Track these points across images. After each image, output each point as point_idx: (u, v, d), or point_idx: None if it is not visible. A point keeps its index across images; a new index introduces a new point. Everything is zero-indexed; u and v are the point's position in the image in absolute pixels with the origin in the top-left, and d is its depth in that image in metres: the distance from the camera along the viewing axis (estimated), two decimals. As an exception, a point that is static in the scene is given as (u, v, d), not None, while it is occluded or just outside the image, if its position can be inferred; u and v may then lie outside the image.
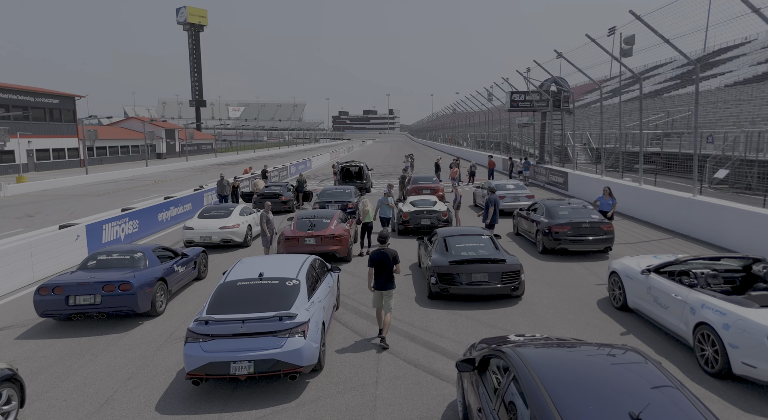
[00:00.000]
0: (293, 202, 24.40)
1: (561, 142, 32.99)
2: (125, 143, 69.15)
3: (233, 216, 16.80)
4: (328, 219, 14.78)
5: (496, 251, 11.22)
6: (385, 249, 8.89)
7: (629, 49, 19.72)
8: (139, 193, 33.41)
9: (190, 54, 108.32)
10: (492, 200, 15.31)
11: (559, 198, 22.11)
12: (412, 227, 17.68)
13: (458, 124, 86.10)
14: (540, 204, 15.81)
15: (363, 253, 15.38)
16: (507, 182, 22.58)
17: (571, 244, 13.97)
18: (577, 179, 26.68)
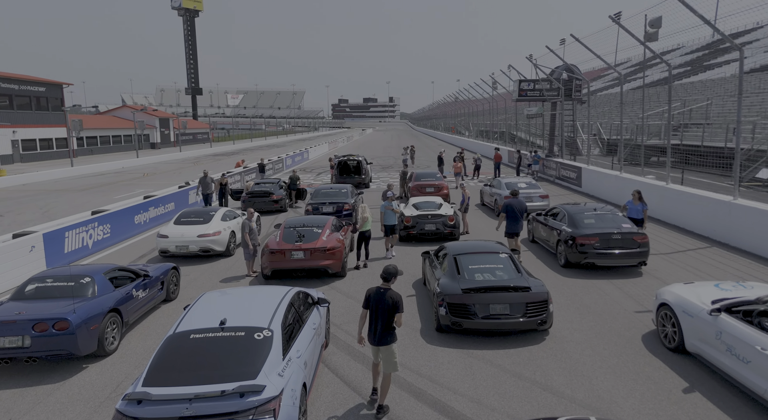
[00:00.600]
0: (285, 200, 22.49)
1: (573, 134, 30.99)
2: (117, 133, 67.05)
3: (214, 222, 14.91)
4: (319, 228, 12.89)
5: (517, 275, 9.34)
6: (387, 290, 6.76)
7: (655, 32, 18.10)
8: (125, 188, 31.52)
9: (186, 40, 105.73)
10: (510, 206, 13.34)
11: (580, 202, 20.30)
12: (415, 233, 15.81)
13: (460, 113, 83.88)
14: (561, 210, 13.90)
15: (360, 266, 13.51)
16: (518, 180, 20.65)
17: (600, 258, 12.08)
18: (591, 175, 24.74)
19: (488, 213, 20.63)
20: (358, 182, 28.78)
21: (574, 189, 26.47)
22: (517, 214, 13.20)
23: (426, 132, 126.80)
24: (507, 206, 13.36)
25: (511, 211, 13.25)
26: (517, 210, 13.22)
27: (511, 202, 13.35)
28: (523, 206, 13.33)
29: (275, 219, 20.89)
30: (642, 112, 23.25)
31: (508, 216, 13.30)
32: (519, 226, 13.27)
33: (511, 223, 13.34)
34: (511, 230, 13.36)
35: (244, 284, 12.47)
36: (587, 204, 14.17)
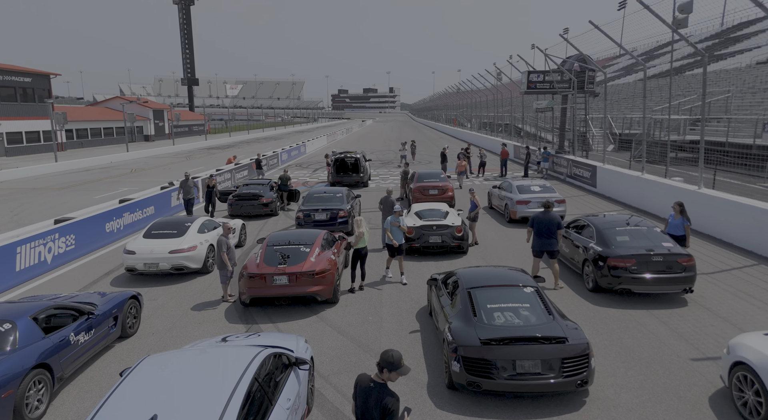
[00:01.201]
0: (276, 203, 20.61)
1: (585, 129, 29.06)
2: (109, 125, 65.01)
3: (189, 235, 13.05)
4: (307, 246, 11.03)
5: (548, 318, 7.48)
6: (380, 388, 4.63)
7: (684, 18, 16.53)
8: (108, 186, 29.64)
9: (181, 29, 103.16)
10: (538, 222, 11.48)
11: (605, 212, 18.42)
12: (419, 246, 13.96)
13: (462, 104, 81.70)
14: (587, 223, 12.03)
15: (354, 289, 11.67)
16: (531, 182, 18.75)
17: (637, 284, 10.23)
18: (607, 175, 22.83)
19: (498, 218, 18.77)
20: (356, 181, 26.94)
21: (587, 189, 24.60)
22: (546, 230, 11.35)
23: (427, 124, 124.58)
24: (535, 221, 11.52)
25: (540, 226, 11.41)
26: (546, 226, 11.35)
27: (540, 217, 11.50)
28: (555, 222, 11.39)
29: (264, 224, 19.09)
30: (669, 106, 21.20)
31: (537, 232, 11.47)
32: (551, 243, 11.38)
33: (538, 240, 11.50)
34: (539, 247, 11.50)
35: (219, 313, 10.63)
36: (617, 216, 12.28)
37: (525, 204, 17.45)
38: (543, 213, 11.53)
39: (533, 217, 11.64)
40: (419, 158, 41.34)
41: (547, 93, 30.63)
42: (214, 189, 20.26)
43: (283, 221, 19.70)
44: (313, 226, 16.25)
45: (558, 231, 11.39)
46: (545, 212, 11.51)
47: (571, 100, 29.29)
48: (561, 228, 11.44)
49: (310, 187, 27.17)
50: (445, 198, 20.54)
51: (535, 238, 11.54)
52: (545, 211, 11.54)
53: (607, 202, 21.31)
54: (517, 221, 17.81)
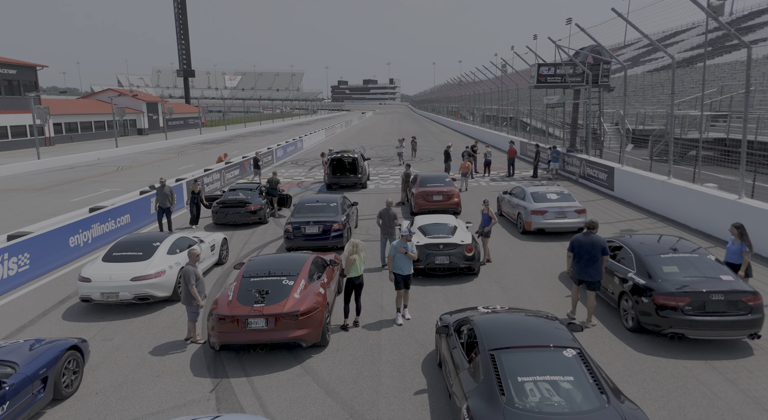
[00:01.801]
0: (265, 210, 18.75)
1: (599, 126, 27.12)
2: (100, 118, 62.92)
3: (157, 257, 11.21)
4: (291, 277, 9.18)
5: (600, 401, 5.60)
6: None
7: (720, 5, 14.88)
8: (90, 187, 27.77)
9: (176, 19, 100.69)
10: (579, 245, 9.66)
11: (641, 231, 16.50)
12: (423, 268, 12.12)
13: (464, 95, 79.52)
14: (624, 245, 10.16)
15: (348, 326, 9.84)
16: (547, 189, 16.85)
17: (692, 328, 8.37)
18: (627, 178, 20.93)
19: (509, 229, 16.92)
20: (353, 182, 25.09)
21: (603, 192, 22.73)
22: (587, 256, 9.54)
23: (428, 116, 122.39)
24: (575, 244, 9.71)
25: (581, 250, 9.60)
26: (588, 251, 9.54)
27: (580, 240, 9.66)
28: (599, 246, 9.53)
29: (252, 234, 17.25)
30: (701, 101, 19.17)
31: (577, 256, 9.67)
32: (592, 272, 9.53)
33: (577, 266, 9.70)
34: (583, 276, 9.64)
35: (183, 360, 8.80)
36: (660, 238, 10.38)
37: (541, 214, 15.59)
38: (584, 235, 9.67)
39: (573, 240, 9.79)
40: (421, 155, 39.43)
41: (558, 87, 28.65)
42: (199, 195, 18.34)
43: (272, 230, 17.87)
44: (303, 241, 14.44)
45: (603, 257, 9.55)
46: (587, 234, 9.66)
47: (584, 95, 27.34)
48: (606, 254, 9.58)
49: (304, 188, 25.34)
50: (451, 204, 18.73)
51: (576, 264, 9.71)
52: (587, 232, 9.69)
53: (627, 209, 19.46)
54: (531, 233, 15.97)
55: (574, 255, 9.72)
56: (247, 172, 31.45)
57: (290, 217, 15.20)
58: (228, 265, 14.12)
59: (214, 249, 13.57)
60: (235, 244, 16.19)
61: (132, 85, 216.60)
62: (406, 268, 9.85)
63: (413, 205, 19.05)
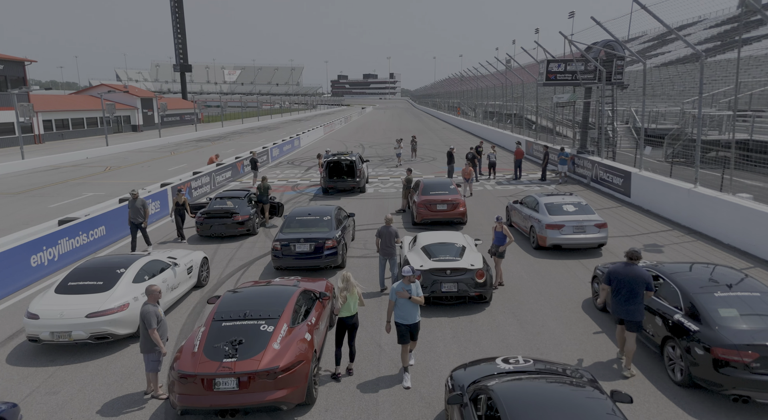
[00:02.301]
0: (255, 221, 17.20)
1: (613, 126, 25.53)
2: (92, 115, 61.23)
3: (120, 287, 9.67)
4: (271, 321, 7.62)
5: None
6: None
7: None
8: (73, 190, 26.23)
9: (173, 13, 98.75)
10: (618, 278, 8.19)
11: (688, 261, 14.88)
12: (428, 296, 10.58)
13: (466, 90, 77.74)
14: (665, 278, 8.61)
15: (339, 376, 8.31)
16: (563, 199, 15.26)
17: (763, 390, 6.84)
18: (646, 185, 19.36)
19: (521, 242, 15.34)
20: (351, 186, 23.55)
21: (619, 198, 21.17)
22: (627, 291, 8.05)
23: (428, 111, 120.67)
24: (613, 277, 8.26)
25: (620, 284, 8.13)
26: (629, 286, 8.05)
27: (619, 272, 8.19)
28: (642, 281, 8.04)
29: (238, 248, 15.72)
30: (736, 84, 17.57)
31: (615, 291, 8.20)
32: (633, 310, 8.04)
33: (615, 302, 8.22)
34: (621, 314, 8.17)
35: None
36: (708, 268, 8.79)
37: (557, 229, 14.04)
38: (624, 266, 8.18)
39: (611, 271, 8.30)
40: (422, 154, 37.86)
41: (569, 84, 27.03)
42: (184, 206, 16.64)
43: (262, 243, 16.35)
44: (293, 260, 12.93)
45: (646, 293, 8.05)
46: (628, 266, 8.16)
47: (597, 93, 25.74)
48: (651, 290, 8.06)
49: (300, 192, 23.77)
50: (456, 214, 17.21)
51: (614, 299, 8.22)
52: (628, 264, 8.18)
53: (648, 218, 17.91)
54: (546, 248, 14.44)
55: (612, 289, 8.25)
56: (241, 174, 29.90)
57: (279, 232, 13.65)
58: (209, 287, 12.61)
59: (192, 271, 12.04)
60: (219, 260, 14.67)
61: (130, 80, 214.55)
62: (412, 315, 8.07)
63: (415, 215, 17.53)
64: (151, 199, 19.21)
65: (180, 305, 11.43)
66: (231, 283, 12.84)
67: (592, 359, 8.68)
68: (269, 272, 13.51)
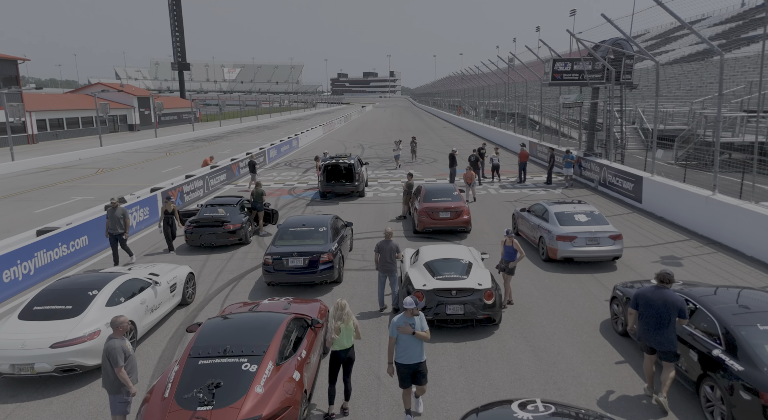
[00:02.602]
0: (247, 229, 16.26)
1: (621, 128, 24.58)
2: (87, 114, 60.20)
3: (91, 312, 8.74)
4: (254, 358, 6.66)
5: None
6: None
7: None
8: (62, 193, 25.30)
9: (170, 11, 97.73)
10: (647, 302, 7.34)
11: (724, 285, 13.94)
12: (430, 319, 9.65)
13: (467, 89, 76.74)
14: (700, 306, 7.65)
15: (333, 417, 7.38)
16: (574, 208, 14.27)
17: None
18: (659, 190, 18.41)
19: (529, 254, 14.36)
20: (350, 190, 22.62)
21: (629, 204, 20.24)
22: (657, 318, 7.19)
23: (429, 110, 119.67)
24: (641, 301, 7.42)
25: (649, 310, 7.27)
26: (658, 312, 7.18)
27: (648, 297, 7.34)
28: (675, 307, 7.19)
29: (229, 260, 14.80)
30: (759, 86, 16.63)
31: (643, 317, 7.35)
32: (664, 340, 7.20)
33: (643, 328, 7.36)
34: (651, 343, 7.33)
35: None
36: (747, 294, 7.85)
37: (569, 241, 13.10)
38: (654, 290, 7.30)
39: (639, 294, 7.43)
40: (422, 155, 36.92)
41: (576, 84, 26.07)
42: (174, 215, 15.64)
43: (254, 253, 15.43)
44: (286, 275, 12.00)
45: (679, 320, 7.16)
46: (658, 289, 7.28)
47: (605, 93, 24.79)
48: (684, 317, 7.17)
49: (296, 196, 22.80)
50: (460, 222, 16.28)
51: (642, 325, 7.35)
52: (658, 287, 7.29)
53: (662, 226, 16.99)
54: (556, 261, 13.50)
55: (639, 314, 7.37)
56: (237, 176, 28.97)
57: (271, 244, 12.71)
58: (195, 305, 11.69)
59: (176, 288, 11.11)
60: (207, 273, 13.75)
61: (129, 78, 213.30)
62: (416, 353, 7.00)
63: (417, 223, 16.59)
64: (139, 205, 18.32)
65: (161, 327, 10.50)
66: (219, 300, 11.93)
67: (616, 394, 7.76)
68: (260, 287, 12.60)
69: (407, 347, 6.91)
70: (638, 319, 7.48)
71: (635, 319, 7.58)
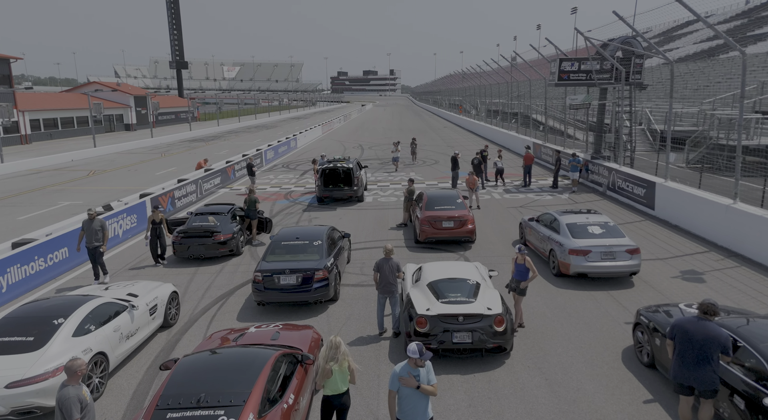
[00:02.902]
0: (239, 239, 15.31)
1: (631, 130, 23.63)
2: (82, 113, 59.14)
3: (55, 344, 7.81)
4: (231, 412, 5.71)
5: None
6: None
7: None
8: (50, 198, 24.35)
9: (168, 9, 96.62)
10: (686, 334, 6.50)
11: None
12: (435, 348, 8.72)
13: (468, 87, 75.73)
14: (744, 344, 6.71)
15: (325, 473, 6.45)
16: (587, 218, 13.31)
17: None
18: (673, 197, 17.47)
19: (539, 266, 13.43)
20: (348, 195, 21.68)
21: (640, 210, 19.30)
22: (697, 353, 6.34)
23: (429, 109, 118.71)
24: (679, 333, 6.58)
25: (688, 344, 6.43)
26: (699, 347, 6.34)
27: (686, 329, 6.50)
28: (717, 343, 6.33)
29: (218, 273, 13.88)
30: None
31: (680, 351, 6.50)
32: (706, 378, 6.34)
33: (688, 368, 6.49)
34: (690, 381, 6.48)
35: None
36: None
37: (582, 255, 12.16)
38: (697, 321, 6.43)
39: (677, 325, 6.56)
40: (423, 156, 35.98)
41: (583, 85, 25.11)
42: (161, 224, 14.65)
43: (246, 265, 14.51)
44: (278, 294, 11.07)
45: (722, 357, 6.26)
46: (699, 321, 6.40)
47: (613, 94, 23.84)
48: (728, 354, 6.27)
49: (293, 201, 21.84)
50: (464, 232, 15.35)
51: (678, 361, 6.48)
52: (701, 318, 6.40)
53: (677, 236, 16.05)
54: (568, 276, 12.57)
55: (676, 348, 6.49)
56: (232, 179, 28.03)
57: (261, 260, 11.77)
58: (178, 326, 10.77)
59: (156, 310, 10.17)
60: (194, 288, 12.82)
61: (129, 76, 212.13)
62: (421, 411, 5.94)
63: (418, 233, 15.65)
64: (126, 213, 17.38)
65: (139, 354, 9.57)
66: (204, 320, 11.00)
67: (646, 441, 6.84)
68: (250, 306, 11.67)
69: (410, 404, 5.90)
70: (675, 354, 6.57)
71: (672, 350, 6.69)
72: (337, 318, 10.97)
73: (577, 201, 21.33)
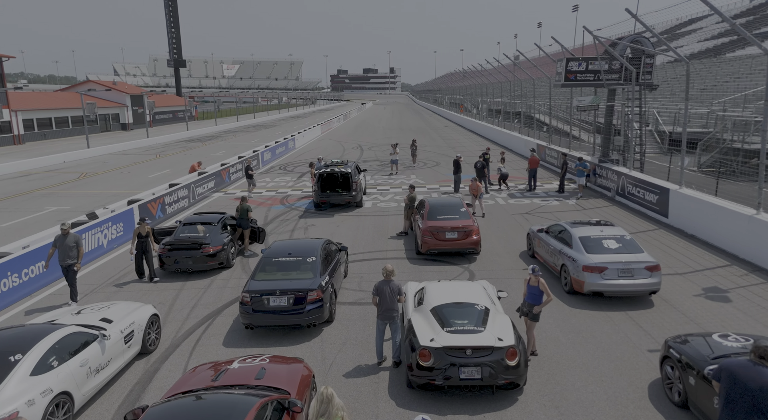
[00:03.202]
0: (229, 251, 14.37)
1: (641, 133, 22.68)
2: (77, 113, 58.19)
3: (7, 387, 6.85)
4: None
5: None
6: None
7: None
8: (37, 203, 23.42)
9: (166, 6, 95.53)
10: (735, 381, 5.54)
11: None
12: (440, 384, 7.81)
13: (469, 86, 74.72)
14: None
15: None
16: (602, 231, 12.36)
17: None
18: (689, 205, 16.53)
19: (549, 282, 12.49)
20: (346, 201, 20.77)
21: (653, 218, 18.36)
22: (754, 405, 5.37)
23: (429, 107, 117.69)
24: (728, 377, 5.63)
25: (740, 392, 5.47)
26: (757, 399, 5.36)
27: (740, 376, 5.53)
28: None
29: (207, 289, 12.97)
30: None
31: (731, 400, 5.53)
32: None
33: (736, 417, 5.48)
34: None
35: None
36: None
37: (598, 272, 11.23)
38: (752, 367, 5.48)
39: (726, 368, 5.62)
40: (424, 158, 35.05)
41: (591, 86, 24.15)
42: (148, 238, 13.56)
43: (237, 279, 13.60)
44: (267, 317, 10.14)
45: None
46: (756, 367, 5.45)
47: (623, 95, 22.89)
48: None
49: (289, 206, 20.89)
50: (468, 244, 14.40)
51: (728, 412, 5.50)
52: (756, 364, 5.47)
53: (695, 247, 15.12)
54: (582, 294, 11.65)
55: (723, 397, 5.57)
56: (227, 183, 27.12)
57: (250, 279, 10.83)
58: (158, 353, 9.85)
59: (132, 338, 9.24)
60: (180, 306, 11.91)
61: (128, 74, 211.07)
62: None
63: (420, 244, 14.73)
64: (111, 221, 16.46)
65: (112, 387, 8.65)
66: (187, 345, 10.09)
67: None
68: (238, 328, 10.76)
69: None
70: (723, 401, 5.63)
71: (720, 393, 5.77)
72: (332, 343, 10.05)
73: (585, 207, 20.42)
